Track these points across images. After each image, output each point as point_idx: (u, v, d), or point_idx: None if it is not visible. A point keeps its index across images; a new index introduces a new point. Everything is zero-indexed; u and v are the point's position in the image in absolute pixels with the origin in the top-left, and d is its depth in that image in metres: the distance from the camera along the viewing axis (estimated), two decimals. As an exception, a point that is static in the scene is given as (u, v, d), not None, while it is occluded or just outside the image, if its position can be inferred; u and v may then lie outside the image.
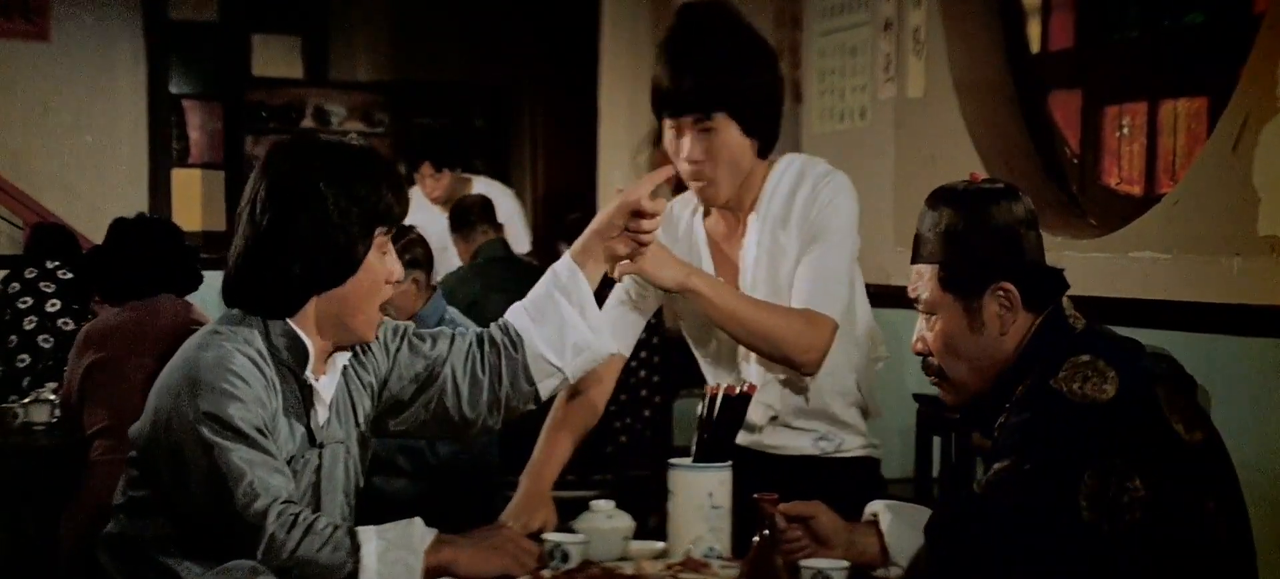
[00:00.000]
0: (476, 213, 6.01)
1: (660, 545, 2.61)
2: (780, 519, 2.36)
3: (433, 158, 6.54)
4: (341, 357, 2.52)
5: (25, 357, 5.50)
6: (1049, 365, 2.22)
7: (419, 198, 6.58)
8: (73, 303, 5.84)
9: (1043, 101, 5.60)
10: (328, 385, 2.50)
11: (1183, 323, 4.36)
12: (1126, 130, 5.24)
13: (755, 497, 2.35)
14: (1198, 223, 4.41)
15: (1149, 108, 5.13)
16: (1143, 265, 4.61)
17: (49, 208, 7.92)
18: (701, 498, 2.55)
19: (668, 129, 2.78)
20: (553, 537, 2.52)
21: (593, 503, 2.66)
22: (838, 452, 2.88)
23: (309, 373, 2.45)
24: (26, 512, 4.45)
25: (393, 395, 2.60)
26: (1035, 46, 5.66)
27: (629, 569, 2.49)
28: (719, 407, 2.64)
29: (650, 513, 2.82)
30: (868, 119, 6.02)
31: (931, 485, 5.21)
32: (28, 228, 7.43)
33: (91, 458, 4.08)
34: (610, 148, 7.67)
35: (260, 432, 2.33)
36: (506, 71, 9.30)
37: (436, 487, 4.44)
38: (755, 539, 2.33)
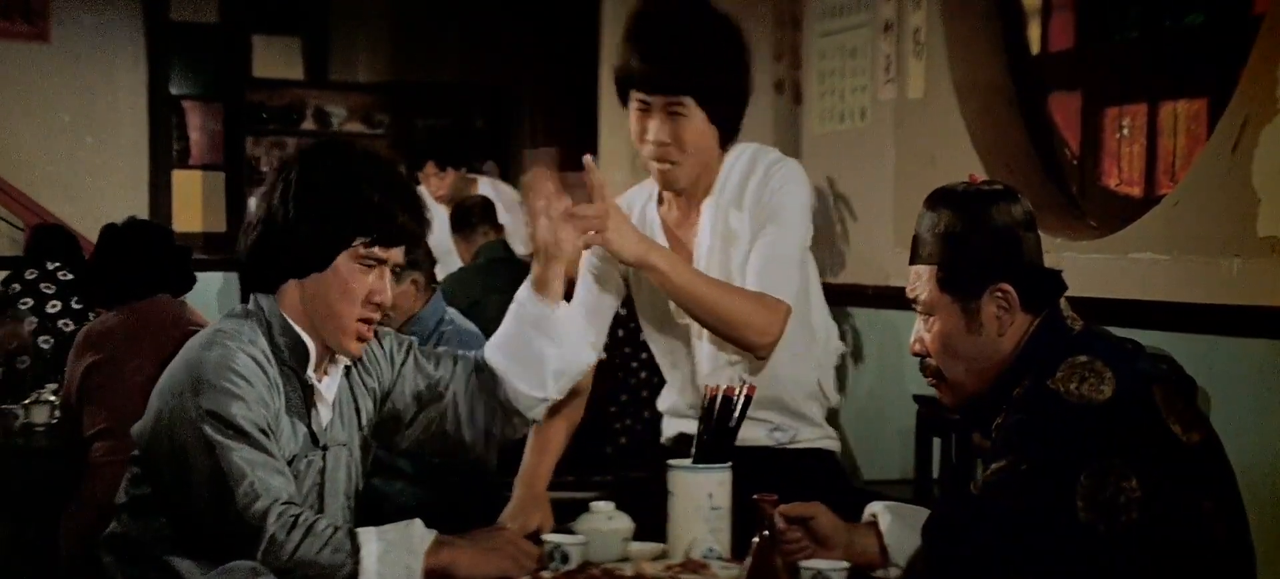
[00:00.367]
0: (478, 214, 6.02)
1: (660, 546, 2.61)
2: (780, 520, 2.37)
3: (437, 157, 6.55)
4: (343, 357, 2.52)
5: (25, 358, 5.51)
6: (1046, 366, 2.22)
7: (423, 197, 6.59)
8: (73, 304, 5.85)
9: (1043, 103, 5.60)
10: (329, 387, 2.50)
11: (1182, 324, 4.36)
12: (1126, 131, 5.24)
13: (755, 497, 2.35)
14: (1197, 224, 4.41)
15: (1149, 109, 5.13)
16: (1142, 266, 4.61)
17: (49, 209, 7.93)
18: (701, 499, 2.55)
19: (634, 109, 2.79)
20: (552, 538, 2.52)
21: (592, 504, 2.66)
22: (792, 443, 2.90)
23: (310, 373, 2.45)
24: (27, 513, 4.45)
25: (394, 407, 2.60)
26: (1035, 48, 5.65)
27: (629, 570, 2.49)
28: (718, 407, 2.64)
29: (650, 514, 2.81)
30: (868, 120, 6.02)
31: (931, 486, 5.21)
32: (28, 229, 7.43)
33: (91, 459, 4.09)
34: (610, 148, 7.66)
35: (263, 432, 2.33)
36: (507, 72, 9.30)
37: (437, 489, 4.44)
38: (755, 540, 2.33)
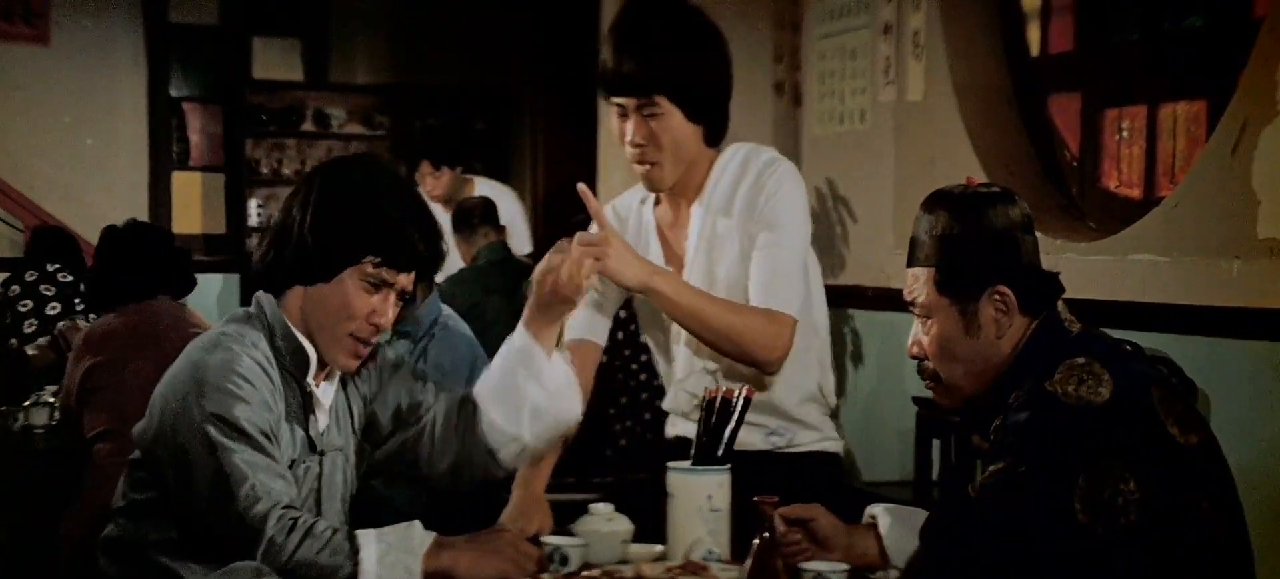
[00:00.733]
0: (478, 215, 6.01)
1: (659, 548, 2.61)
2: (779, 522, 2.37)
3: (431, 156, 6.54)
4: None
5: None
6: (1045, 368, 2.22)
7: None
8: (73, 306, 5.86)
9: (1042, 105, 5.60)
10: (327, 393, 2.51)
11: (1182, 326, 4.36)
12: (1126, 133, 5.24)
13: (755, 499, 2.36)
14: (1197, 226, 4.42)
15: (1148, 111, 5.13)
16: (1142, 268, 4.61)
17: (49, 211, 7.93)
18: (701, 501, 2.55)
19: (613, 111, 2.79)
20: (552, 540, 2.52)
21: (592, 506, 2.66)
22: (790, 446, 2.88)
23: (310, 380, 2.46)
24: (27, 515, 4.45)
25: (375, 416, 2.60)
26: (1035, 50, 5.66)
27: (628, 572, 2.49)
28: (717, 410, 2.64)
29: (649, 516, 2.82)
30: (867, 122, 6.02)
31: (931, 488, 5.21)
32: (28, 231, 7.43)
33: (93, 461, 4.08)
34: (610, 150, 7.67)
35: (265, 434, 2.34)
36: (506, 74, 9.30)
37: (438, 492, 4.43)
38: (755, 542, 2.33)
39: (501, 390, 2.55)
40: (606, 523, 2.61)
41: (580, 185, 2.72)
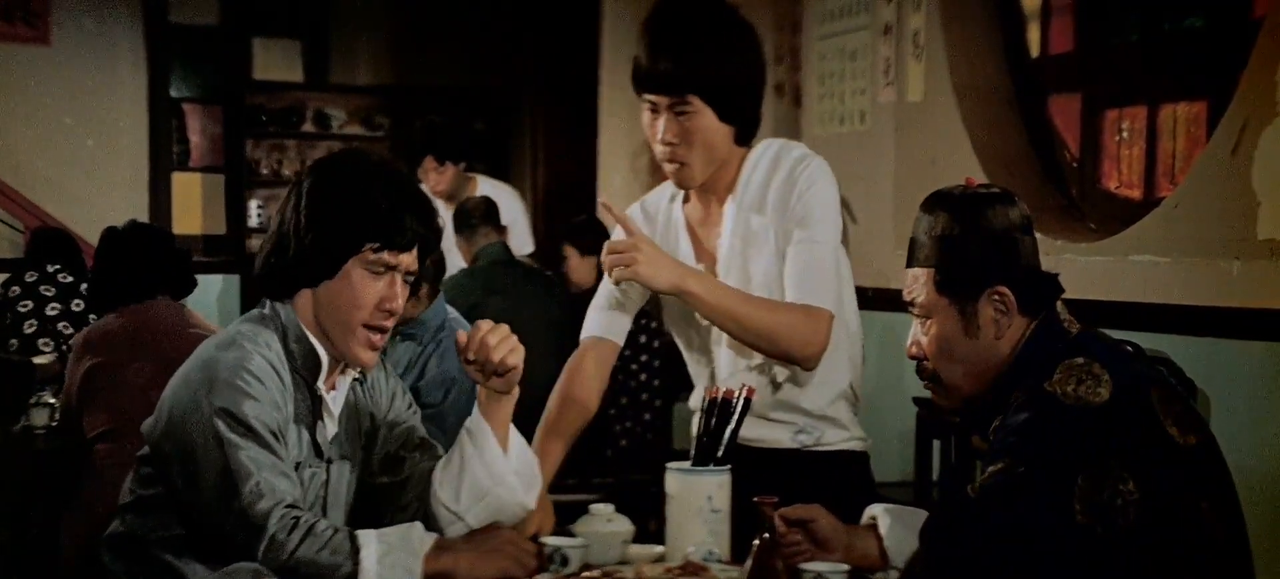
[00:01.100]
0: (479, 215, 6.00)
1: (659, 549, 2.61)
2: (780, 523, 2.37)
3: (435, 151, 6.52)
4: (349, 371, 2.53)
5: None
6: (1044, 369, 2.23)
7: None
8: (73, 307, 5.86)
9: (1042, 105, 5.61)
10: (336, 400, 2.51)
11: (1182, 326, 4.37)
12: (1126, 134, 5.25)
13: (755, 500, 2.36)
14: (1197, 226, 4.42)
15: (1148, 112, 5.14)
16: (1142, 269, 4.61)
17: (49, 212, 7.93)
18: (701, 501, 2.55)
19: (645, 109, 2.78)
20: (552, 540, 2.52)
21: (592, 506, 2.66)
22: (817, 445, 2.85)
23: (320, 384, 2.46)
24: (27, 515, 4.45)
25: (374, 441, 2.60)
26: (1035, 50, 5.66)
27: (628, 573, 2.49)
28: (718, 410, 2.64)
29: (650, 517, 2.82)
30: (867, 123, 6.02)
31: (931, 489, 5.21)
32: (28, 232, 7.43)
33: (93, 462, 4.08)
34: (610, 150, 7.67)
35: (273, 434, 2.34)
36: (507, 75, 9.29)
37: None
38: (755, 542, 2.34)
39: (451, 464, 2.52)
40: (606, 523, 2.61)
41: (602, 200, 2.70)
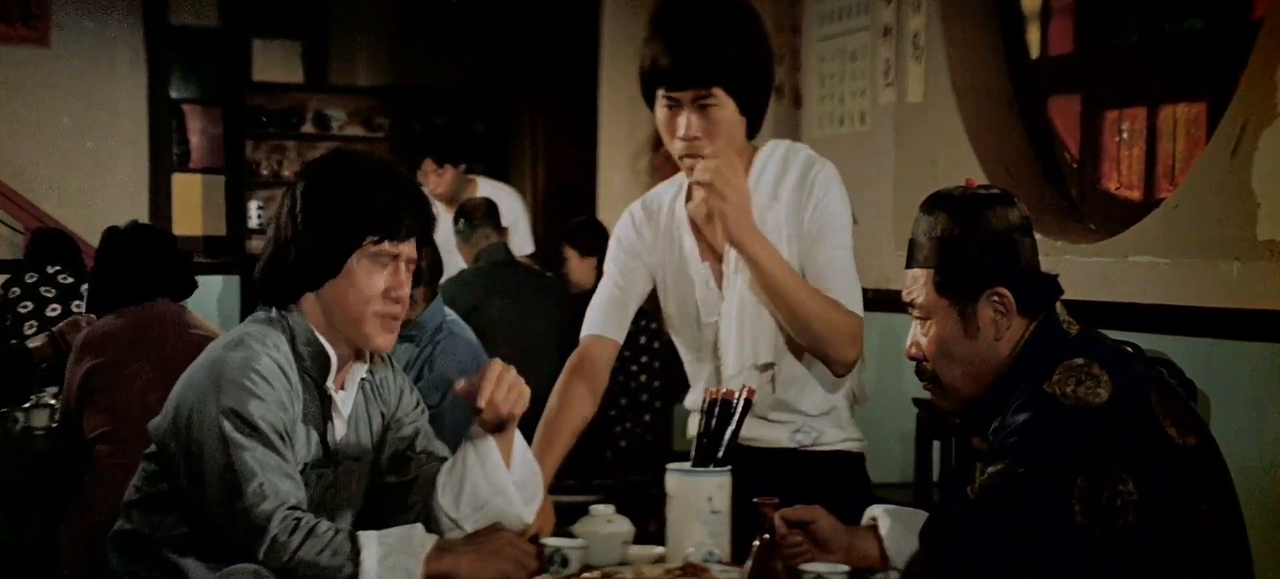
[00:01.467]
0: (479, 216, 6.00)
1: (659, 550, 2.61)
2: (780, 523, 2.37)
3: (433, 155, 6.52)
4: (359, 369, 2.53)
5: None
6: (1043, 370, 2.23)
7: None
8: (73, 308, 5.85)
9: (1042, 106, 5.61)
10: (345, 401, 2.52)
11: (1182, 327, 4.37)
12: (1126, 135, 5.25)
13: (755, 501, 2.36)
14: (1197, 227, 4.42)
15: (1148, 113, 5.14)
16: (1142, 270, 4.61)
17: (49, 213, 7.93)
18: (701, 502, 2.55)
19: (662, 107, 2.77)
20: (552, 541, 2.52)
21: (592, 507, 2.66)
22: (815, 445, 2.84)
23: (330, 383, 2.47)
24: (28, 516, 4.45)
25: (384, 441, 2.61)
26: (1035, 52, 5.67)
27: (628, 574, 2.49)
28: (718, 411, 2.64)
29: (650, 518, 2.82)
30: (867, 124, 6.02)
31: (931, 490, 5.21)
32: (28, 233, 7.44)
33: (93, 463, 4.08)
34: (610, 151, 7.67)
35: (279, 435, 2.35)
36: (507, 75, 9.30)
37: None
38: (755, 543, 2.34)
39: (454, 471, 2.52)
40: (606, 524, 2.61)
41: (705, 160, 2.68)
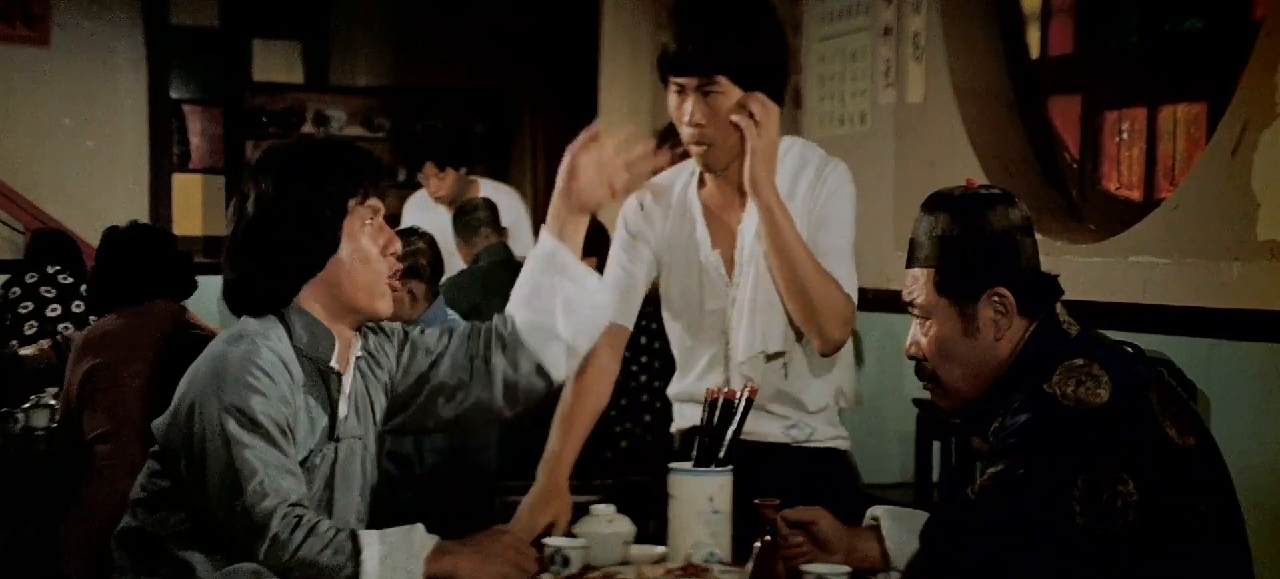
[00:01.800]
0: (480, 217, 6.00)
1: (660, 550, 2.61)
2: (781, 524, 2.37)
3: (434, 158, 6.52)
4: (356, 345, 2.54)
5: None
6: (1043, 370, 2.23)
7: (424, 198, 6.57)
8: (73, 308, 5.86)
9: (1042, 107, 5.61)
10: (347, 379, 2.52)
11: (1182, 328, 4.37)
12: (1126, 136, 5.25)
13: (757, 502, 2.36)
14: (1197, 228, 4.42)
15: (1148, 113, 5.14)
16: (1142, 270, 4.61)
17: (49, 213, 7.93)
18: (702, 503, 2.55)
19: (672, 93, 2.82)
20: (553, 541, 2.52)
21: (593, 507, 2.66)
22: (809, 441, 2.88)
23: (335, 361, 2.47)
24: (27, 516, 4.45)
25: (399, 395, 2.61)
26: (1035, 52, 5.66)
27: (629, 574, 2.49)
28: (719, 411, 2.64)
29: (650, 518, 2.82)
30: (867, 124, 6.02)
31: (931, 490, 5.21)
32: (28, 233, 7.44)
33: (92, 463, 4.08)
34: (610, 152, 7.66)
35: (281, 431, 2.36)
36: (507, 76, 9.30)
37: (425, 494, 4.41)
38: (756, 544, 2.34)
39: (531, 293, 2.58)
40: (607, 524, 2.61)
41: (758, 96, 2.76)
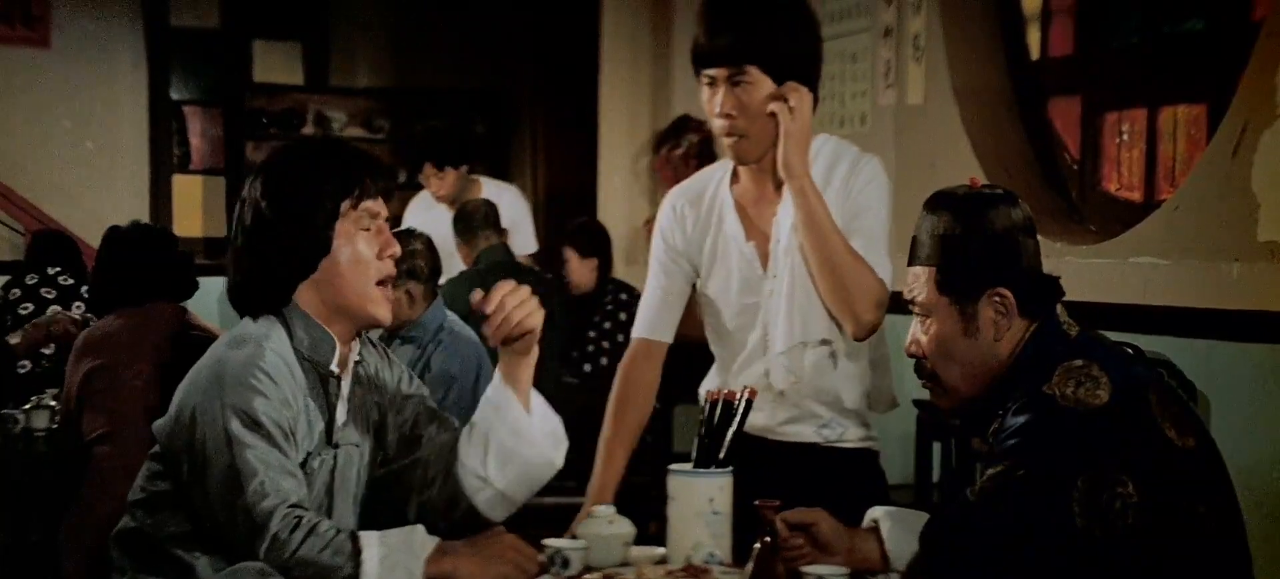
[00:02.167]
0: (479, 217, 6.00)
1: (660, 551, 2.61)
2: (781, 526, 2.37)
3: (433, 157, 6.51)
4: (355, 350, 2.54)
5: (25, 362, 5.50)
6: (1043, 371, 2.23)
7: (427, 198, 6.57)
8: (73, 309, 5.85)
9: (1042, 108, 5.61)
10: (345, 384, 2.53)
11: (1182, 329, 4.37)
12: (1126, 136, 5.25)
13: (757, 503, 2.36)
14: (1197, 229, 4.42)
15: (1148, 114, 5.14)
16: (1142, 271, 4.61)
17: (50, 214, 7.93)
18: (702, 504, 2.55)
19: (704, 85, 2.83)
20: (553, 543, 2.52)
21: (593, 508, 2.66)
22: (840, 441, 2.89)
23: (334, 366, 2.48)
24: (28, 517, 4.45)
25: (385, 428, 2.61)
26: (1035, 53, 5.66)
27: (629, 575, 2.49)
28: (719, 412, 2.64)
29: (651, 519, 2.82)
30: (868, 125, 6.02)
31: (932, 491, 5.21)
32: (28, 234, 7.43)
33: (93, 464, 4.08)
34: (610, 152, 7.67)
35: (283, 433, 2.36)
36: (507, 77, 9.30)
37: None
38: (756, 545, 2.34)
39: (475, 432, 2.56)
40: (608, 526, 2.61)
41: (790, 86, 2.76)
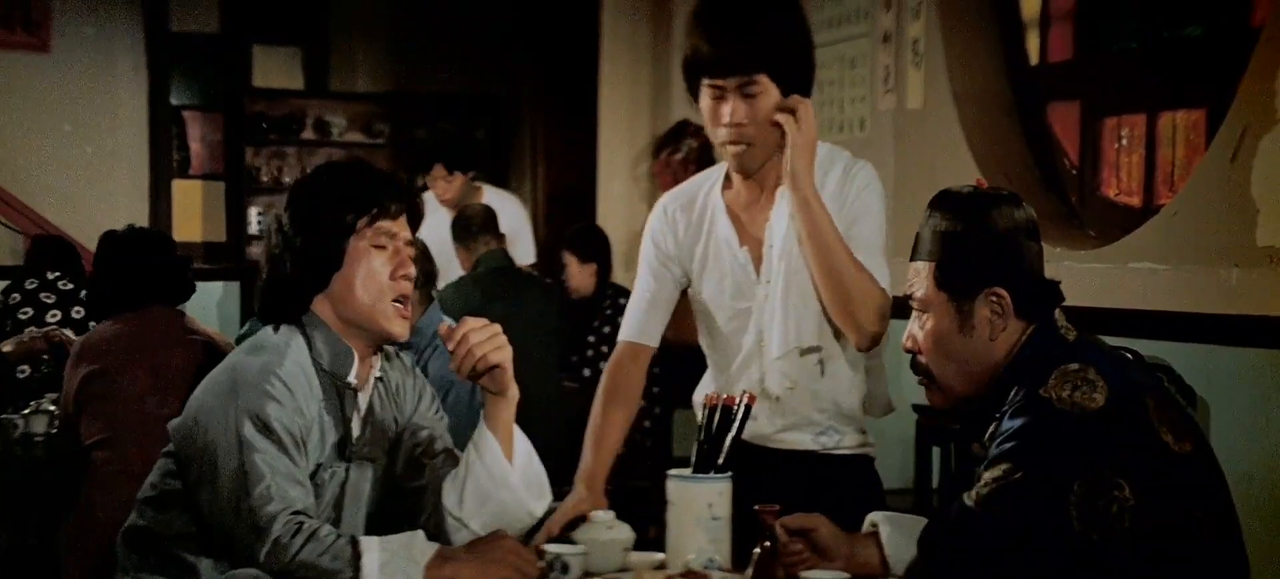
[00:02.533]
0: (478, 223, 6.01)
1: (660, 556, 2.61)
2: (781, 531, 2.37)
3: (445, 160, 6.52)
4: (375, 365, 2.55)
5: (25, 367, 5.50)
6: (1039, 374, 2.23)
7: (431, 201, 6.57)
8: (73, 314, 5.85)
9: (1041, 113, 5.61)
10: (362, 398, 2.54)
11: (1181, 334, 4.37)
12: (1125, 142, 5.25)
13: (756, 508, 2.36)
14: (1196, 234, 4.42)
15: (1147, 119, 5.14)
16: (1141, 276, 4.61)
17: (49, 219, 7.93)
18: (701, 509, 2.55)
19: (707, 95, 2.80)
20: (552, 547, 2.52)
21: (592, 513, 2.66)
22: (837, 448, 2.88)
23: (352, 378, 2.48)
24: (26, 523, 4.45)
25: (398, 445, 2.62)
26: (1034, 58, 5.67)
27: (628, 580, 2.49)
28: (718, 417, 2.64)
29: (650, 524, 2.82)
30: (867, 130, 6.03)
31: (931, 496, 5.21)
32: (28, 239, 7.43)
33: (92, 469, 4.08)
34: (610, 157, 7.67)
35: (294, 441, 2.38)
36: (506, 82, 9.30)
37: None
38: (755, 551, 2.34)
39: (457, 471, 2.56)
40: (607, 531, 2.61)
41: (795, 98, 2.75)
